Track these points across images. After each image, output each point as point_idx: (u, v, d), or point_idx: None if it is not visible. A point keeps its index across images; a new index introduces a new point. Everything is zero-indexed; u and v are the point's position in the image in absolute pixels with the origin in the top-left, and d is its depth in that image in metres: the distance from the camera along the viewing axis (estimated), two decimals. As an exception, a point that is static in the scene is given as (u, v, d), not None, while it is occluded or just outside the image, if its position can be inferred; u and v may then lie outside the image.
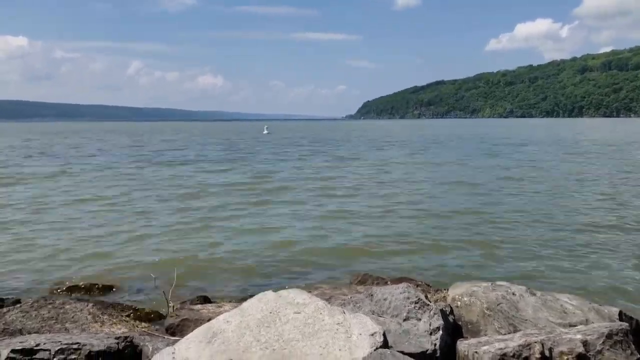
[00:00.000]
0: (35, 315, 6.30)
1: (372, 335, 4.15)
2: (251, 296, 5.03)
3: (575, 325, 4.97)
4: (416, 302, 5.05)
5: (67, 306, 6.61)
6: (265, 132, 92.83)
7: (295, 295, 4.66)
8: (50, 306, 6.57)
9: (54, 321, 6.15)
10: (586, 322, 5.14)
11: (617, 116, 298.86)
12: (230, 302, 7.09)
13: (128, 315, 6.65)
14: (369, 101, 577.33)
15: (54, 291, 8.32)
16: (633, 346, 4.51)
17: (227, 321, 4.37)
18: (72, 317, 6.31)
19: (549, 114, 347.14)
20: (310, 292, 5.43)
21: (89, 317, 6.32)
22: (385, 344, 4.16)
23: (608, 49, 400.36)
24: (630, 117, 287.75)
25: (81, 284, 8.56)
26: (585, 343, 4.32)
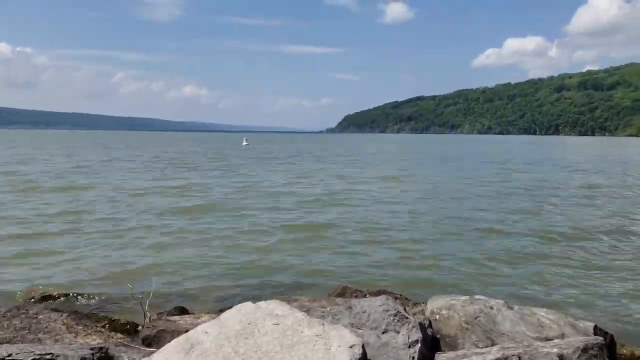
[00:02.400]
0: (7, 325, 6.14)
1: (351, 347, 4.14)
2: (229, 307, 4.99)
3: (551, 339, 5.02)
4: (395, 315, 5.05)
5: (41, 316, 6.48)
6: (245, 143, 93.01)
7: (274, 307, 4.63)
8: (23, 316, 6.43)
9: (26, 331, 6.01)
10: (562, 336, 5.20)
11: (593, 134, 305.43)
12: (208, 313, 7.02)
13: (103, 326, 6.53)
14: (349, 115, 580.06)
15: (28, 301, 8.14)
16: (608, 360, 4.57)
17: (206, 332, 4.32)
18: (46, 327, 6.17)
19: (526, 131, 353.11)
20: (288, 304, 5.40)
21: (63, 327, 6.20)
22: (364, 357, 4.15)
23: (591, 68, 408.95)
24: (605, 135, 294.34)
25: (55, 293, 8.40)
26: (561, 357, 4.36)
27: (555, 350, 4.44)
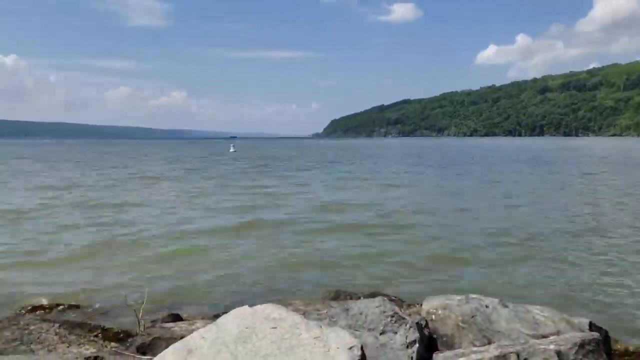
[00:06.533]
0: (-1, 337, 6.06)
1: (350, 349, 4.12)
2: (223, 313, 4.95)
3: (547, 336, 5.03)
4: (392, 316, 5.05)
5: (32, 327, 6.39)
6: (232, 150, 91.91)
7: (271, 311, 4.60)
8: (14, 327, 6.34)
9: (18, 343, 5.93)
10: (558, 333, 5.22)
11: (576, 135, 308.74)
12: (202, 319, 6.97)
13: (97, 335, 6.46)
14: (336, 119, 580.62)
15: (18, 312, 8.03)
16: (605, 355, 4.59)
17: (203, 337, 4.28)
18: (38, 338, 6.09)
19: (511, 132, 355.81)
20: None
21: (56, 337, 6.12)
22: (363, 358, 4.13)
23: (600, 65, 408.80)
24: (588, 135, 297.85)
25: (47, 303, 8.29)
26: (559, 353, 4.37)
27: (552, 346, 4.46)
